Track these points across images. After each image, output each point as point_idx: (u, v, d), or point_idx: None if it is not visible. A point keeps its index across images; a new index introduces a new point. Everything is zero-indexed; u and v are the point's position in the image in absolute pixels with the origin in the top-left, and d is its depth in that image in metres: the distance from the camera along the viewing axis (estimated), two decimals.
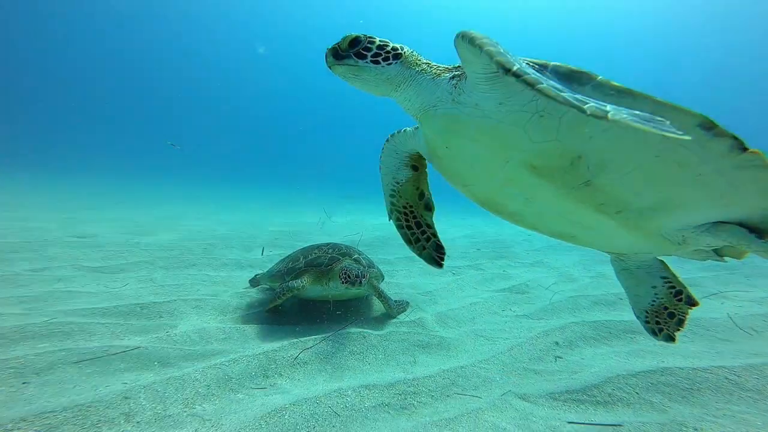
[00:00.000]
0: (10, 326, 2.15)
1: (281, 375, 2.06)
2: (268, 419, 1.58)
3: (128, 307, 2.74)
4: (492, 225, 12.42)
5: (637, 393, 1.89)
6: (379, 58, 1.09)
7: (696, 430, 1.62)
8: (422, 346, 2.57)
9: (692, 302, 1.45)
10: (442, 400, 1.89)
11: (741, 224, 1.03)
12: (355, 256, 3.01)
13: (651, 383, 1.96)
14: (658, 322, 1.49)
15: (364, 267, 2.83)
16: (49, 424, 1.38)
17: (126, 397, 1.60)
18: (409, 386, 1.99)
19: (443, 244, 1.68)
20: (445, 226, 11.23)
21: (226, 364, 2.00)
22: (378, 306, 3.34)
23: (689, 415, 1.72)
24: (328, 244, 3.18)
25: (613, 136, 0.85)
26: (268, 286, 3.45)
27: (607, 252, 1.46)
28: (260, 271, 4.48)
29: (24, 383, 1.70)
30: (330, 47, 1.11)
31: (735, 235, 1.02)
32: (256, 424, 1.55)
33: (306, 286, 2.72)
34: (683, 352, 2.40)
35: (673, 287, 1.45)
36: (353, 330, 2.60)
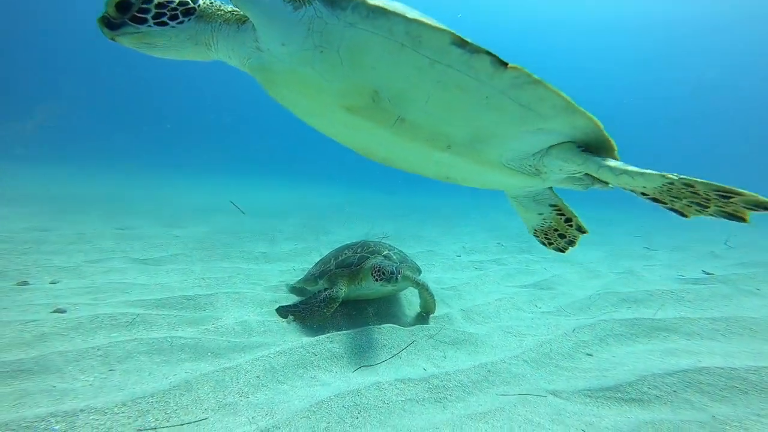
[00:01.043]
0: (86, 316, 2.39)
1: (320, 367, 2.21)
2: (315, 410, 1.73)
3: (177, 299, 2.97)
4: (514, 219, 12.27)
5: (674, 392, 1.93)
6: (164, 18, 0.93)
7: (742, 429, 1.64)
8: (451, 342, 2.67)
9: (582, 230, 1.77)
10: (475, 395, 2.00)
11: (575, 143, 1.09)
12: (385, 252, 3.00)
13: (688, 382, 1.98)
14: (548, 239, 2.00)
15: (396, 262, 2.83)
16: (141, 409, 1.58)
17: (192, 386, 1.78)
18: (441, 380, 2.09)
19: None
20: (464, 221, 11.20)
21: (271, 356, 2.17)
22: (407, 302, 3.45)
23: (732, 415, 1.75)
24: (357, 243, 3.22)
25: (392, 62, 0.87)
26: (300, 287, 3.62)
27: (490, 188, 1.55)
28: (284, 267, 4.67)
29: (111, 370, 1.92)
30: (99, 17, 0.92)
31: (566, 153, 1.09)
32: (305, 414, 1.71)
33: (344, 290, 2.74)
34: (722, 352, 2.40)
35: (563, 215, 1.73)
36: (384, 325, 2.72)
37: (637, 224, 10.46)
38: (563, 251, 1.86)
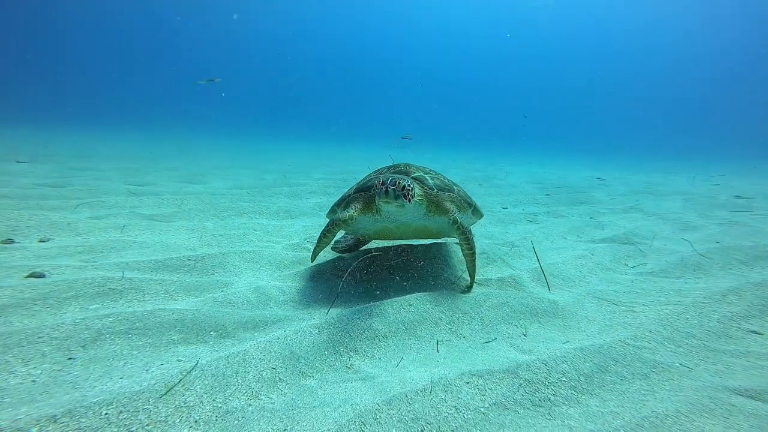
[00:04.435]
0: (66, 280, 1.90)
1: (357, 352, 1.61)
2: (357, 425, 1.13)
3: (180, 260, 2.43)
4: (551, 171, 11.01)
5: None
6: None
7: None
8: (529, 313, 1.98)
9: None
10: (596, 394, 1.33)
11: None
12: (417, 174, 2.23)
13: None
14: None
15: (432, 189, 2.12)
16: (91, 426, 1.03)
17: (180, 384, 1.22)
18: (535, 373, 1.44)
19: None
20: (499, 174, 10.14)
21: (291, 336, 1.58)
22: (454, 262, 2.77)
23: None
24: (394, 164, 2.47)
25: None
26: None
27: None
28: (309, 222, 4.08)
29: (69, 359, 1.40)
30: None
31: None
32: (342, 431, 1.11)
33: (354, 216, 2.10)
34: None
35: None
36: (436, 292, 2.07)
37: (703, 173, 8.93)
38: None
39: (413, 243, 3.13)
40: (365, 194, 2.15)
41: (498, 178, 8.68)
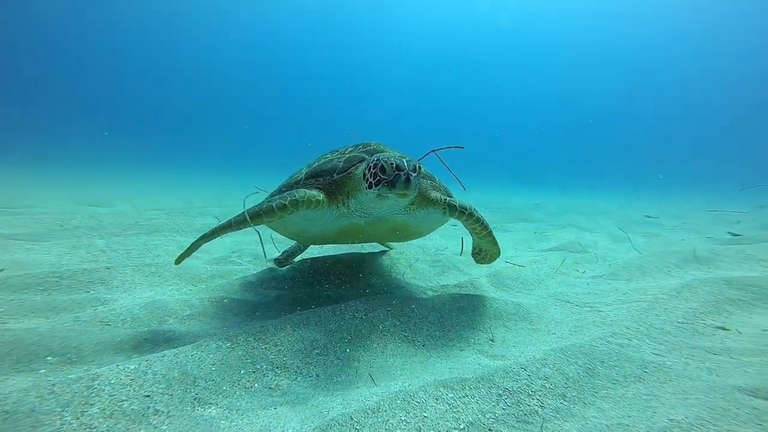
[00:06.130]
0: None
1: (286, 369, 1.18)
2: None
3: (38, 277, 1.77)
4: (491, 193, 11.71)
5: None
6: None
7: None
8: (493, 316, 1.73)
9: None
10: (591, 403, 1.06)
11: None
12: (396, 154, 1.62)
13: None
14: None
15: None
16: None
17: None
18: (513, 379, 1.14)
19: None
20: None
21: (187, 354, 1.10)
22: (402, 267, 2.48)
23: None
24: (363, 143, 1.88)
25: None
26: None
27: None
28: (243, 237, 3.55)
29: None
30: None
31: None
32: None
33: (322, 201, 1.49)
34: None
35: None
36: (388, 297, 1.73)
37: (606, 202, 10.12)
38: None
39: (362, 251, 2.80)
40: (324, 180, 1.58)
41: None
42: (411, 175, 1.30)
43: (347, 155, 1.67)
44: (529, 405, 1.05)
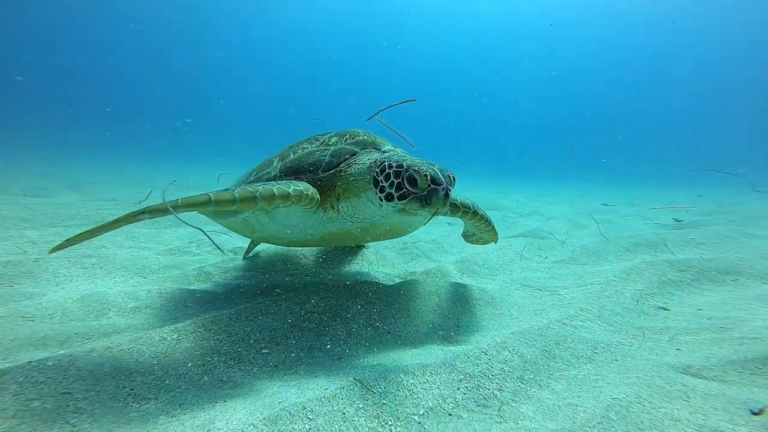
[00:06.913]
0: None
1: (241, 360, 1.10)
2: None
3: None
4: (464, 190, 11.96)
5: None
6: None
7: None
8: (459, 302, 1.73)
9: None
10: (547, 385, 1.07)
11: None
12: (387, 146, 1.49)
13: None
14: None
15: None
16: None
17: None
18: (474, 364, 1.14)
19: None
20: None
21: (122, 347, 0.99)
22: (370, 255, 2.44)
23: None
24: (325, 133, 1.63)
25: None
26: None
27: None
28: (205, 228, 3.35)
29: None
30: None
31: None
32: None
33: (315, 198, 1.26)
34: None
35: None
36: (352, 283, 1.68)
37: (568, 190, 10.66)
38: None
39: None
40: (305, 179, 1.33)
41: None
42: (449, 191, 1.12)
43: (332, 147, 1.43)
44: (488, 389, 1.05)
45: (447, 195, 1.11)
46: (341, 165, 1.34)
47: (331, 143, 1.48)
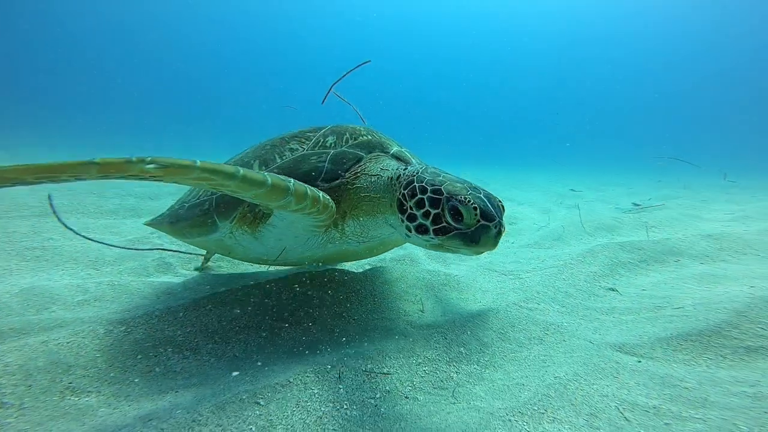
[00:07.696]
0: None
1: (197, 351, 1.08)
2: None
3: None
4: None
5: None
6: None
7: None
8: (425, 287, 1.76)
9: None
10: (500, 366, 1.12)
11: None
12: (395, 149, 1.29)
13: None
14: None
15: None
16: None
17: None
18: (432, 349, 1.17)
19: None
20: None
21: (60, 341, 0.94)
22: None
23: None
24: (311, 128, 1.40)
25: None
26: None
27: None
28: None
29: None
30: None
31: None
32: None
33: (316, 208, 0.99)
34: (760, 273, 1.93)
35: None
36: (316, 270, 1.67)
37: (539, 177, 11.06)
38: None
39: None
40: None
41: None
42: (503, 228, 0.95)
43: (331, 151, 1.17)
44: (445, 372, 1.08)
45: (500, 233, 0.94)
46: (346, 175, 1.12)
47: (328, 144, 1.23)
